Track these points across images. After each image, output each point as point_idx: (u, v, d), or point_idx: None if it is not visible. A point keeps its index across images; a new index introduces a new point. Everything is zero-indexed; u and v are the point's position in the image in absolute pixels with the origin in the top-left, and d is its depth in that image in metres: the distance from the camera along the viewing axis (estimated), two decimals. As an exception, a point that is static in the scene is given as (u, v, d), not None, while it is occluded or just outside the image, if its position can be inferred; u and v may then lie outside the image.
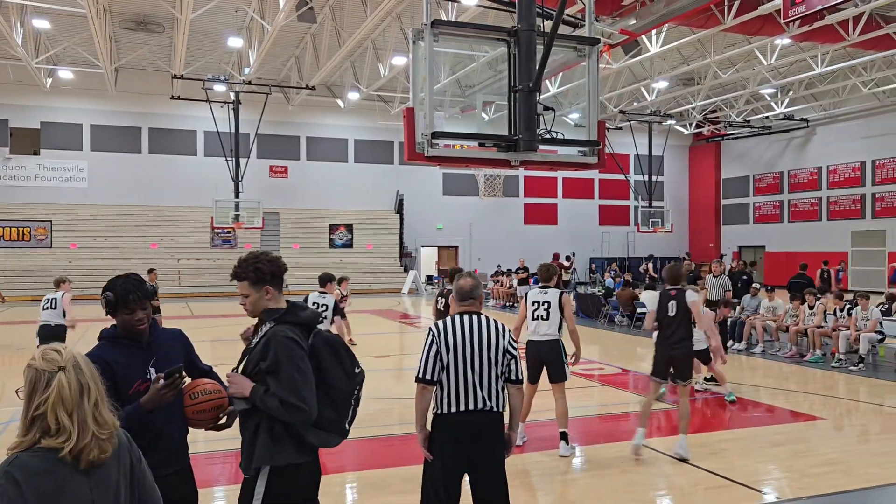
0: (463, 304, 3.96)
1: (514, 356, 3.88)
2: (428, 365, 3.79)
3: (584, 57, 5.41)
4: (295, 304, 3.27)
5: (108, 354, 2.98)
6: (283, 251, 31.90)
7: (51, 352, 2.00)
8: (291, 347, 3.03)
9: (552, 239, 35.20)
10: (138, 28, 23.89)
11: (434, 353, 3.79)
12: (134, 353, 3.05)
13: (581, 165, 5.62)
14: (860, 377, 10.92)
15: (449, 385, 3.77)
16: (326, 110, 32.46)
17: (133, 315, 3.03)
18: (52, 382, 1.93)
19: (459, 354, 3.77)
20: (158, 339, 3.18)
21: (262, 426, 3.05)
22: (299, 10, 19.66)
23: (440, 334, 3.82)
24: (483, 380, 3.77)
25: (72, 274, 27.82)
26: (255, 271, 3.19)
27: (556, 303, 6.79)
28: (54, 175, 29.43)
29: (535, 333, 6.86)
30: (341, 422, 3.14)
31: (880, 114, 30.51)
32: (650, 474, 6.29)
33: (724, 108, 33.71)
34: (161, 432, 3.02)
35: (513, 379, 3.86)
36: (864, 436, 7.77)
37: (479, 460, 3.76)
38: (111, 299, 3.04)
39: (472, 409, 3.74)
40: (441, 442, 3.77)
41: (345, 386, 3.12)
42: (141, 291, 3.05)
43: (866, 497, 5.74)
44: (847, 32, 19.24)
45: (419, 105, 4.89)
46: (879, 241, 30.43)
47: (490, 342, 3.81)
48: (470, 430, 3.75)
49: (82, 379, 1.98)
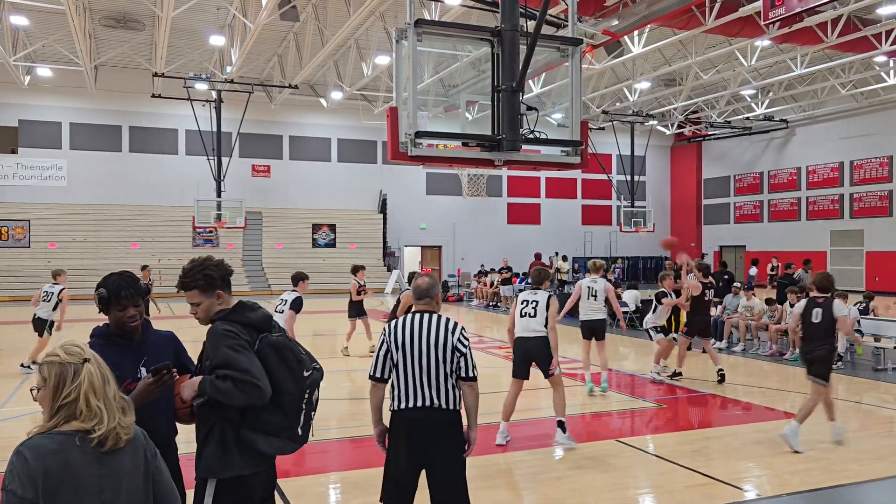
0: (419, 303, 4.05)
1: (464, 353, 3.89)
2: (378, 363, 3.92)
3: (567, 57, 5.43)
4: (243, 303, 3.19)
5: (98, 352, 2.96)
6: (265, 251, 31.77)
7: (72, 346, 2.13)
8: (225, 335, 2.97)
9: (535, 238, 35.32)
10: (118, 25, 23.63)
11: (385, 351, 3.91)
12: (125, 352, 3.04)
13: (564, 165, 5.63)
14: (838, 375, 11.04)
15: (399, 382, 3.87)
16: (309, 109, 32.32)
17: (125, 312, 3.05)
18: (81, 372, 2.07)
19: (407, 352, 3.86)
20: (150, 340, 3.18)
21: (214, 434, 3.00)
22: (282, 9, 19.55)
23: (390, 333, 3.93)
24: (431, 377, 3.83)
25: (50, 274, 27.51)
26: (205, 278, 3.14)
27: (545, 302, 7.01)
28: (33, 174, 29.04)
29: (524, 330, 7.02)
30: (293, 427, 3.02)
31: (858, 115, 30.94)
32: (632, 473, 6.33)
33: (705, 109, 33.99)
34: (148, 431, 2.99)
35: (463, 376, 3.88)
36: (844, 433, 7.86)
37: (433, 458, 3.81)
38: (104, 296, 3.05)
39: (419, 405, 3.82)
40: (395, 437, 3.87)
41: (292, 390, 3.00)
42: (133, 289, 3.07)
43: (845, 493, 5.82)
44: (826, 34, 19.48)
45: (403, 104, 4.89)
46: (857, 241, 30.87)
47: (437, 340, 3.85)
48: (421, 426, 3.81)
49: (103, 370, 2.14)
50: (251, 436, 2.97)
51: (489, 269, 27.50)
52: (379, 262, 32.92)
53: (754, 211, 36.15)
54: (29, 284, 26.87)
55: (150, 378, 2.88)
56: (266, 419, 2.96)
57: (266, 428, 2.97)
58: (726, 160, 37.82)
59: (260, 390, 2.88)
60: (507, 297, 23.45)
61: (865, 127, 30.67)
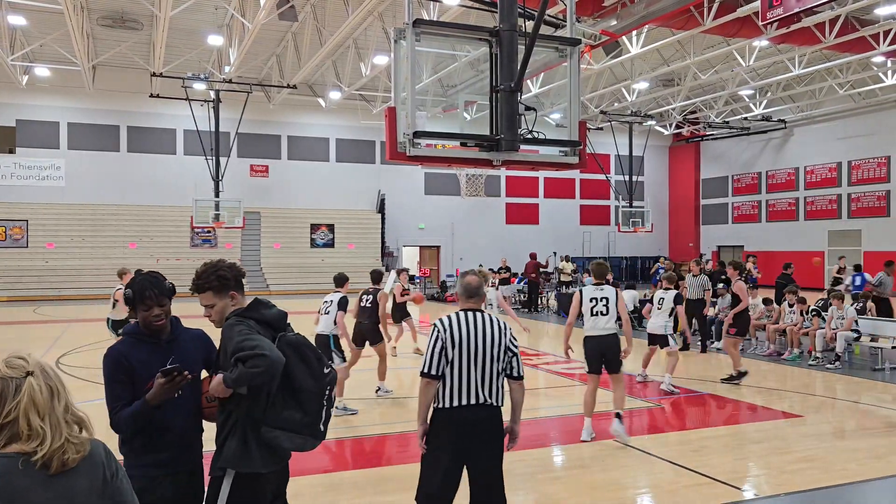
0: (469, 301, 4.04)
1: (516, 353, 3.98)
2: (433, 360, 3.85)
3: (565, 57, 5.44)
4: (259, 300, 3.21)
5: (127, 350, 3.06)
6: (263, 251, 31.74)
7: (15, 359, 1.95)
8: (234, 326, 3.02)
9: (534, 238, 35.32)
10: (116, 25, 23.60)
11: (439, 348, 3.85)
12: (154, 351, 3.08)
13: (562, 165, 5.64)
14: (837, 375, 11.07)
15: (452, 380, 3.83)
16: (308, 109, 32.31)
17: (150, 311, 3.09)
18: (23, 387, 1.88)
19: (464, 350, 3.84)
20: (179, 338, 3.21)
21: (236, 431, 3.03)
22: (280, 9, 19.53)
23: (446, 329, 3.88)
24: (485, 375, 3.85)
25: (48, 274, 27.52)
26: (219, 279, 3.19)
27: (614, 298, 7.17)
28: (30, 174, 29.00)
29: (595, 328, 7.19)
30: (314, 424, 3.06)
31: (856, 115, 30.98)
32: (631, 472, 6.33)
33: (703, 109, 34.02)
34: (168, 427, 3.05)
35: (515, 375, 3.98)
36: (841, 433, 7.88)
37: (477, 454, 3.82)
38: (129, 296, 3.11)
39: (473, 403, 3.81)
40: (441, 435, 3.82)
41: (312, 387, 3.04)
42: (158, 288, 3.11)
43: (843, 493, 5.83)
44: (824, 35, 19.50)
45: (401, 104, 4.89)
46: (855, 241, 30.91)
47: (493, 339, 3.89)
48: (469, 424, 3.81)
49: (50, 383, 1.93)
50: (272, 433, 2.99)
51: (487, 269, 27.48)
52: (377, 262, 32.87)
53: (752, 211, 36.18)
54: (27, 284, 26.86)
55: (163, 379, 2.91)
56: (287, 416, 2.99)
57: (287, 425, 3.00)
58: (724, 160, 37.86)
59: (267, 358, 2.87)
60: (505, 297, 23.42)
61: (863, 127, 30.72)
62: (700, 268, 13.66)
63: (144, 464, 3.03)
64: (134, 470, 2.96)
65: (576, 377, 11.05)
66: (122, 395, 2.98)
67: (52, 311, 21.78)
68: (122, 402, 2.97)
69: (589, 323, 7.24)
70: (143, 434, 3.03)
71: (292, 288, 29.09)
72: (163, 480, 3.04)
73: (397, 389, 9.91)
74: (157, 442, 3.05)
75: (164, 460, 3.05)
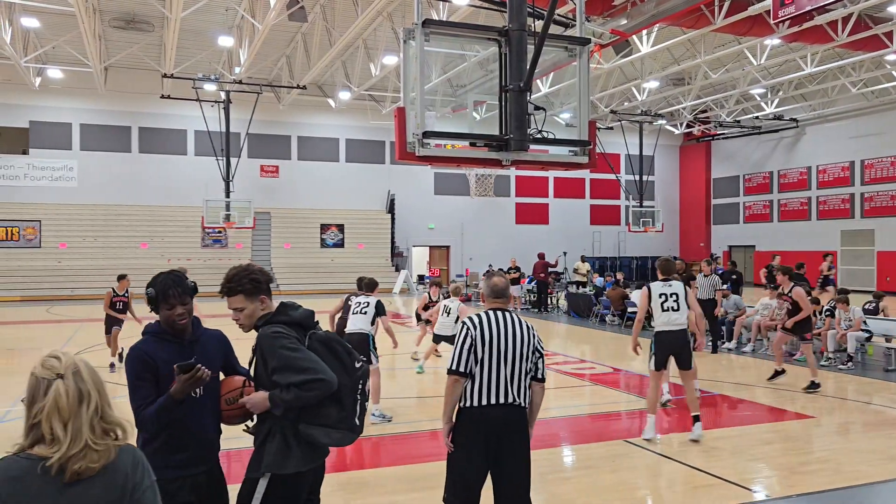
0: (496, 301, 4.05)
1: (542, 355, 3.98)
2: (462, 357, 3.83)
3: (574, 57, 5.42)
4: (285, 303, 3.25)
5: (150, 349, 3.08)
6: (273, 251, 31.86)
7: (51, 359, 1.91)
8: (276, 337, 3.02)
9: (544, 238, 35.25)
10: (128, 27, 23.76)
11: (469, 346, 3.84)
12: (176, 350, 3.10)
13: (572, 165, 5.62)
14: (849, 375, 11.00)
15: (481, 378, 3.81)
16: (317, 110, 32.39)
17: (173, 311, 3.11)
18: (50, 390, 1.85)
19: (494, 348, 3.82)
20: (201, 339, 3.23)
21: (275, 432, 3.04)
22: (290, 10, 19.60)
23: (476, 327, 3.87)
24: (514, 375, 3.84)
25: (61, 274, 27.73)
26: (252, 282, 3.19)
27: (683, 293, 7.24)
28: (43, 174, 29.24)
29: (668, 324, 7.24)
30: (350, 418, 3.10)
31: (869, 114, 30.73)
32: (640, 473, 6.31)
33: (714, 108, 33.85)
34: (187, 428, 3.07)
35: (539, 377, 3.96)
36: (854, 434, 7.83)
37: (504, 454, 3.81)
38: (152, 295, 3.12)
39: (501, 402, 3.79)
40: (467, 434, 3.81)
41: (346, 381, 3.09)
42: (181, 287, 3.12)
43: (855, 495, 5.78)
44: (836, 33, 19.36)
45: (410, 104, 4.89)
46: (868, 241, 30.66)
47: (523, 339, 3.89)
48: (497, 423, 3.79)
49: (82, 386, 1.88)
50: (310, 430, 3.02)
51: (497, 269, 27.48)
52: (387, 263, 32.95)
53: (764, 211, 35.97)
54: (40, 284, 27.08)
55: (184, 375, 2.93)
56: (324, 412, 3.02)
57: (325, 421, 3.03)
58: (735, 160, 37.66)
59: (325, 382, 2.94)
60: (514, 297, 23.42)
61: (876, 126, 30.46)
62: (711, 268, 13.60)
63: (164, 465, 3.02)
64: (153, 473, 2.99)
65: (585, 377, 11.03)
66: (147, 394, 3.00)
67: (65, 311, 21.95)
68: (147, 400, 2.99)
69: (661, 319, 7.28)
70: (163, 435, 3.04)
71: (302, 288, 29.16)
72: (182, 483, 3.05)
73: (404, 390, 9.92)
74: (176, 443, 3.06)
75: (182, 461, 3.06)
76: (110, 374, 10.66)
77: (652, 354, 7.40)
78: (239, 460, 6.67)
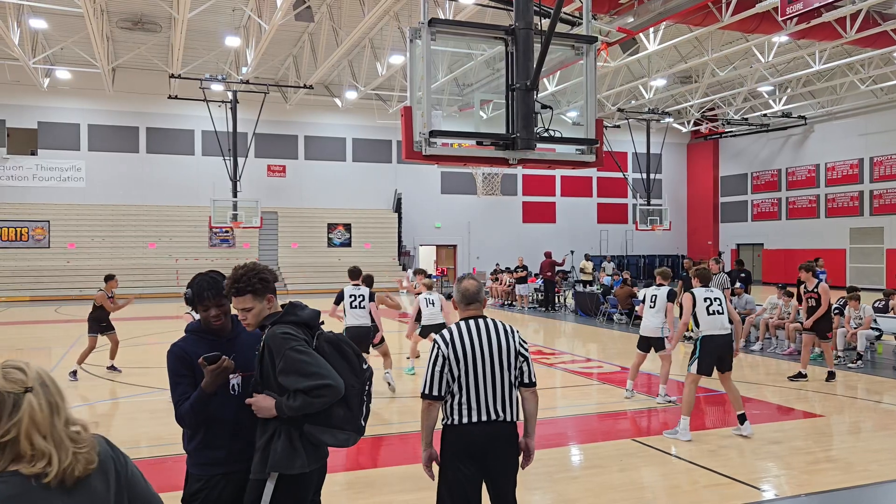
0: (469, 309, 3.72)
1: (527, 357, 3.68)
2: (434, 380, 3.56)
3: (581, 55, 5.41)
4: (293, 303, 3.25)
5: (190, 347, 3.16)
6: (281, 250, 31.94)
7: (14, 370, 1.74)
8: (286, 339, 3.01)
9: (551, 237, 35.22)
10: (135, 27, 23.85)
11: (440, 366, 3.56)
12: (215, 348, 3.14)
13: (579, 164, 5.61)
14: (858, 374, 10.93)
15: (460, 397, 3.56)
16: (324, 109, 32.44)
17: (208, 312, 3.18)
18: (21, 405, 1.70)
19: (470, 364, 3.55)
20: (241, 337, 3.29)
21: (280, 433, 3.03)
22: (297, 10, 19.64)
23: (448, 344, 3.58)
24: (497, 389, 3.57)
25: (70, 274, 27.86)
26: (261, 281, 3.18)
27: (723, 298, 7.49)
28: (52, 175, 29.40)
29: (714, 328, 7.34)
30: (356, 419, 3.09)
31: (878, 111, 30.55)
32: (649, 472, 6.29)
33: (721, 106, 33.72)
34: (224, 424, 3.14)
35: (526, 382, 3.67)
36: (863, 432, 7.78)
37: (493, 472, 3.61)
38: (189, 296, 3.20)
39: (485, 420, 3.55)
40: (454, 453, 3.57)
41: (353, 382, 3.08)
42: (215, 289, 3.18)
43: (865, 494, 5.75)
44: (844, 30, 19.25)
45: (417, 104, 4.89)
46: (878, 238, 30.49)
47: (501, 346, 3.61)
48: (482, 442, 3.56)
49: (51, 398, 1.76)
50: (316, 431, 3.02)
51: (504, 267, 27.46)
52: (394, 262, 32.98)
53: (772, 208, 35.81)
54: (48, 284, 27.22)
55: (212, 366, 3.00)
56: (331, 412, 3.01)
57: (331, 421, 3.02)
58: (743, 157, 37.50)
59: (332, 388, 2.93)
60: (521, 296, 23.39)
61: (885, 123, 30.28)
62: (719, 266, 13.55)
63: (202, 462, 3.14)
64: (193, 468, 3.12)
65: (593, 376, 11.01)
66: (185, 391, 3.08)
67: (73, 311, 22.05)
68: (185, 396, 3.08)
69: (706, 323, 7.36)
70: (203, 431, 3.13)
71: (309, 287, 29.22)
72: (220, 480, 3.12)
73: (410, 390, 9.92)
74: (215, 440, 3.14)
75: (222, 458, 3.12)
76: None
77: (695, 358, 7.37)
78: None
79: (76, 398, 9.40)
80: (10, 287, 26.73)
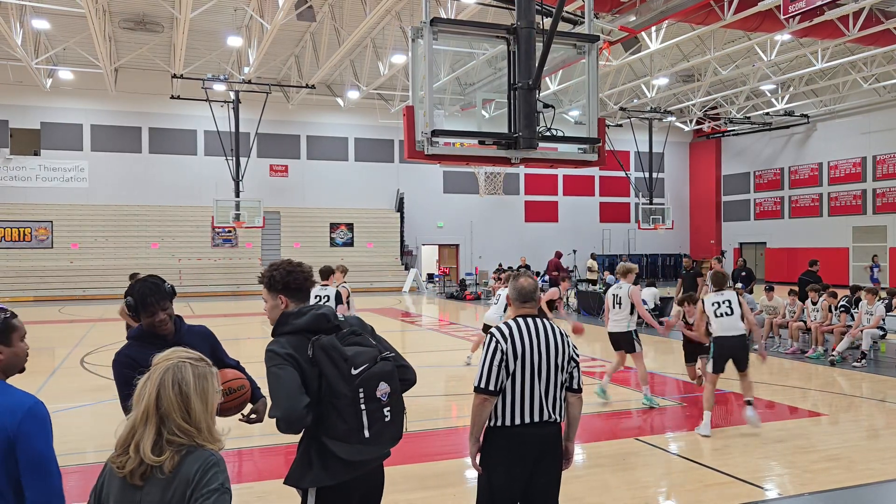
0: (524, 306, 3.65)
1: (578, 363, 3.64)
2: (492, 374, 3.44)
3: (583, 54, 5.41)
4: (286, 312, 3.06)
5: (135, 353, 3.09)
6: (283, 250, 31.95)
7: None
8: (269, 358, 2.91)
9: (553, 236, 35.21)
10: (138, 28, 23.88)
11: (499, 360, 3.46)
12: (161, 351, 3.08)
13: (581, 163, 5.61)
14: (862, 373, 10.92)
15: (514, 395, 3.46)
16: (326, 109, 32.45)
17: (154, 317, 3.12)
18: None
19: (527, 362, 3.47)
20: (185, 337, 3.22)
21: (302, 444, 2.99)
22: (298, 9, 19.64)
23: (506, 339, 3.48)
24: (550, 389, 3.51)
25: (73, 274, 27.93)
26: (269, 278, 3.10)
27: (736, 300, 7.62)
28: (55, 175, 29.44)
29: (722, 329, 7.54)
30: (357, 430, 2.84)
31: (881, 109, 30.49)
32: (652, 471, 6.29)
33: (724, 105, 33.67)
34: None
35: (575, 388, 3.62)
36: (867, 432, 7.77)
37: (539, 473, 3.51)
38: (131, 304, 3.13)
39: (537, 421, 3.47)
40: (502, 456, 3.47)
41: (345, 391, 2.84)
42: (159, 294, 3.12)
43: (868, 493, 5.74)
44: (847, 28, 19.21)
45: (419, 103, 4.89)
46: (881, 237, 30.43)
47: (557, 347, 3.55)
48: (534, 443, 3.48)
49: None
50: (330, 443, 2.88)
51: (506, 267, 27.45)
52: (396, 261, 33.00)
53: (775, 207, 35.77)
54: (52, 284, 27.28)
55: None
56: (332, 424, 2.87)
57: (335, 433, 2.87)
58: (746, 156, 37.45)
59: (280, 421, 2.79)
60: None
61: (888, 121, 30.22)
62: (721, 265, 13.53)
63: None
64: None
65: (595, 375, 11.00)
66: None
67: (76, 311, 22.10)
68: None
69: (717, 325, 7.59)
70: None
71: (312, 287, 29.17)
72: None
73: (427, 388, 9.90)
74: None
75: None
76: None
77: (710, 358, 7.75)
78: (250, 459, 6.70)
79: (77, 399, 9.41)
80: (13, 287, 26.77)
